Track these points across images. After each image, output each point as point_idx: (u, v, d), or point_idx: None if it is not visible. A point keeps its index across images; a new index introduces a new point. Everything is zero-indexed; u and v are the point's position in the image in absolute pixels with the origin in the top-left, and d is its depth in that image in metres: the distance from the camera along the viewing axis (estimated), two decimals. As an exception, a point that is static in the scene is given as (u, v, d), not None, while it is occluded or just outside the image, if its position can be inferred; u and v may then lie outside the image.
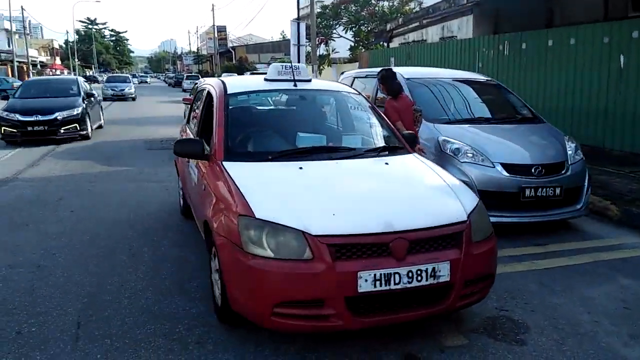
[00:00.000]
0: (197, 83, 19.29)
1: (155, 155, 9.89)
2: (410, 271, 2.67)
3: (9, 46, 47.31)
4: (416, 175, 3.53)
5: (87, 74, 77.81)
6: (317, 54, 20.92)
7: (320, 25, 21.18)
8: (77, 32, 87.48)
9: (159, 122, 16.52)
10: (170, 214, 5.78)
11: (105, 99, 25.67)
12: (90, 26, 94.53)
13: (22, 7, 48.95)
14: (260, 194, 2.94)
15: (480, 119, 5.99)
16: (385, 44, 18.33)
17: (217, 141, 3.62)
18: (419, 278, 2.69)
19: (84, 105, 12.12)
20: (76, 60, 72.87)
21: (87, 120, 12.14)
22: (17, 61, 46.84)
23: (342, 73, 9.44)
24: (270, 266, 2.63)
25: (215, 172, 3.45)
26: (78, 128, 11.64)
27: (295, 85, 4.18)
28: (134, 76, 58.23)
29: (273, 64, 4.38)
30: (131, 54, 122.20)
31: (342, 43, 22.92)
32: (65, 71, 68.31)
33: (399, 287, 2.66)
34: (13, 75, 41.80)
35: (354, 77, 7.78)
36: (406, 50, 15.69)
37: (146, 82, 65.87)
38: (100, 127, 14.21)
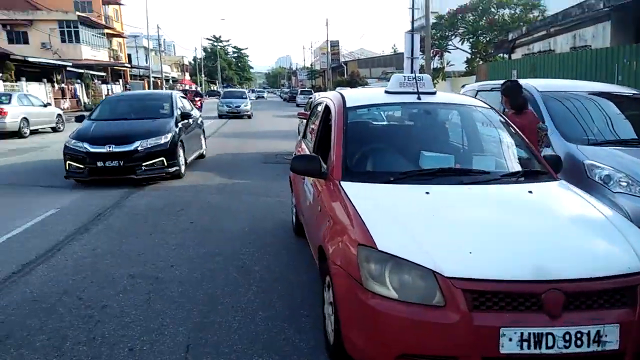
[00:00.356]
0: (310, 97, 19.58)
1: (270, 169, 10.08)
2: (568, 333, 2.17)
3: (146, 62, 52.68)
4: (570, 208, 2.94)
5: (212, 88, 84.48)
6: (431, 66, 20.20)
7: (435, 37, 20.46)
8: (204, 49, 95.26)
9: (274, 136, 17.03)
10: (284, 230, 5.71)
11: (220, 117, 26.35)
12: (215, 43, 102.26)
13: (157, 25, 54.42)
14: (383, 221, 2.60)
15: (630, 141, 5.11)
16: (506, 56, 17.13)
17: (334, 158, 3.35)
18: (579, 343, 2.18)
19: (176, 130, 8.91)
20: (203, 76, 79.19)
21: (180, 151, 8.88)
22: (152, 76, 52.07)
23: (463, 86, 8.84)
24: (394, 310, 2.28)
25: (332, 192, 3.18)
26: (165, 163, 8.40)
27: (419, 98, 3.77)
28: (252, 91, 61.69)
29: (395, 75, 4.07)
30: (251, 70, 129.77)
31: (457, 55, 21.95)
32: (194, 86, 74.55)
33: (552, 352, 2.17)
34: (150, 90, 46.34)
35: (477, 91, 7.18)
36: (530, 61, 14.46)
37: (263, 97, 68.03)
38: (201, 156, 11.27)
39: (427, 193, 2.90)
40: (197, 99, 28.86)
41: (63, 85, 31.61)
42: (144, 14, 43.04)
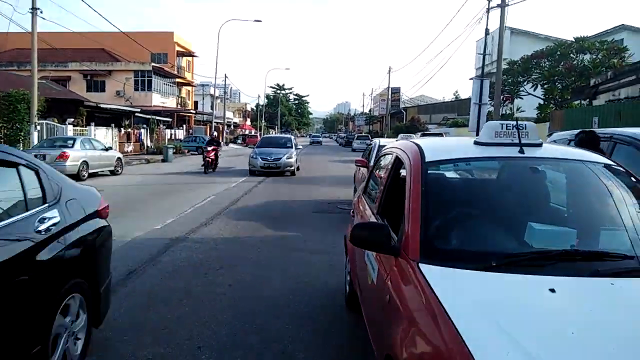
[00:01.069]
0: (370, 143, 18.44)
1: (321, 220, 9.28)
2: None
3: (211, 109, 54.57)
4: None
5: (271, 133, 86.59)
6: (499, 113, 19.02)
7: (506, 83, 19.35)
8: (267, 96, 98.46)
9: (327, 182, 16.34)
10: (334, 299, 4.84)
11: (252, 173, 18.57)
12: (278, 91, 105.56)
13: (225, 75, 56.55)
14: (490, 336, 1.67)
15: None
16: (585, 102, 15.75)
17: (409, 229, 2.43)
18: None
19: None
20: (263, 121, 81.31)
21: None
22: (215, 122, 53.75)
23: (550, 134, 7.75)
24: None
25: (407, 278, 2.25)
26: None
27: (521, 151, 2.84)
28: (309, 135, 61.40)
29: (489, 123, 3.17)
30: (310, 115, 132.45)
31: (528, 102, 20.62)
32: (253, 130, 76.44)
33: None
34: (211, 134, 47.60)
35: (569, 140, 6.11)
36: (615, 108, 13.06)
37: (319, 142, 66.17)
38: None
39: (552, 291, 1.94)
40: (209, 148, 20.65)
41: (129, 130, 32.91)
42: (214, 65, 45.11)
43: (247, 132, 74.08)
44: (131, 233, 7.84)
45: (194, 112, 54.44)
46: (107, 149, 18.59)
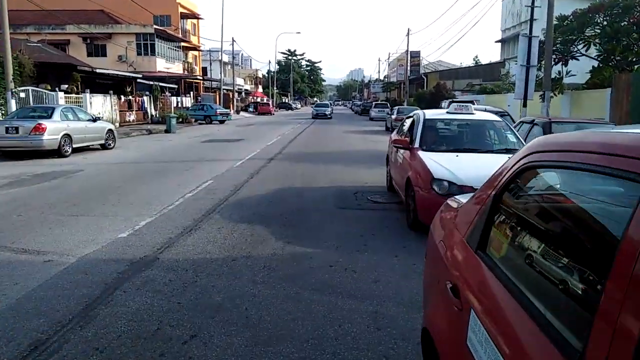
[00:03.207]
0: (398, 115, 16.39)
1: (349, 222, 6.89)
2: None
3: (220, 76, 51.80)
4: None
5: (284, 100, 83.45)
6: (550, 77, 16.16)
7: (556, 42, 16.37)
8: (279, 62, 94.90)
9: (347, 160, 13.86)
10: None
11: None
12: (289, 57, 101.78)
13: (232, 38, 53.49)
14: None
15: None
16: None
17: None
18: None
19: None
20: (275, 88, 78.22)
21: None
22: (224, 89, 51.05)
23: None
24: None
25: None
26: None
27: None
28: (313, 105, 55.10)
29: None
30: (323, 82, 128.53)
31: (578, 65, 17.67)
32: (265, 98, 73.60)
33: None
34: (220, 102, 45.04)
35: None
36: None
37: (326, 115, 45.37)
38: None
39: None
40: None
41: (130, 97, 30.48)
42: (221, 29, 42.11)
43: (259, 99, 71.17)
44: (80, 247, 5.53)
45: (201, 78, 51.66)
46: (94, 120, 16.23)
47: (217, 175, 10.90)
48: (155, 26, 38.89)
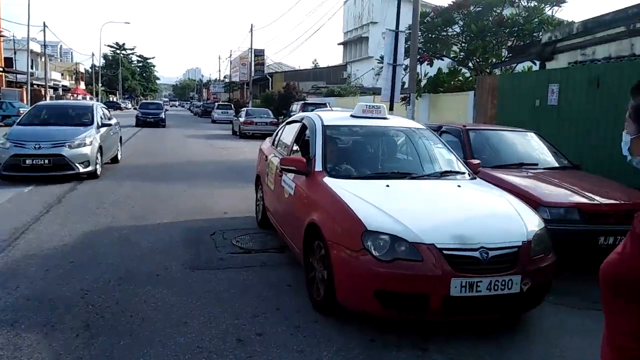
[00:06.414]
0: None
1: (210, 302, 4.01)
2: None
3: (32, 68, 42.95)
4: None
5: (111, 99, 74.00)
6: (415, 78, 15.03)
7: (421, 40, 15.31)
8: (105, 56, 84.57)
9: (195, 176, 10.70)
10: None
11: None
12: (118, 51, 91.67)
13: (44, 23, 44.76)
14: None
15: None
16: (531, 65, 12.53)
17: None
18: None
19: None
20: (100, 85, 69.00)
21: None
22: (35, 84, 42.52)
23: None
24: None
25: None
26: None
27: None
28: (137, 107, 45.48)
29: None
30: (157, 81, 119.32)
31: (445, 65, 16.96)
32: (88, 96, 64.35)
33: None
34: (27, 100, 37.01)
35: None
36: (590, 72, 9.67)
37: (159, 120, 32.70)
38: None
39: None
40: None
41: None
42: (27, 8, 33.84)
43: (80, 97, 61.57)
44: None
45: (2, 70, 42.20)
46: None
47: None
48: None
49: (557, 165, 6.20)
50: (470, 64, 15.96)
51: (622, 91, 8.70)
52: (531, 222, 3.68)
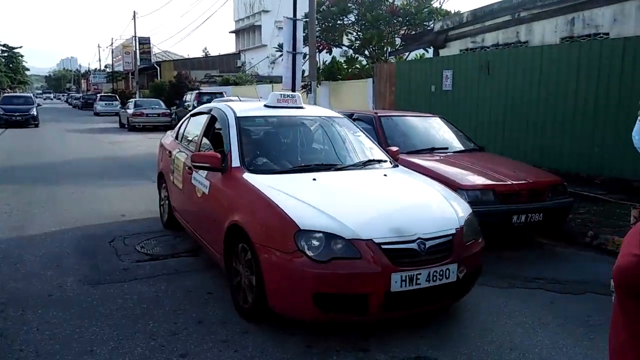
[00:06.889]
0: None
1: (118, 327, 3.45)
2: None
3: None
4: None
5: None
6: (315, 66, 14.95)
7: (319, 28, 15.18)
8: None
9: (83, 176, 9.59)
10: None
11: None
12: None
13: None
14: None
15: None
16: (424, 52, 12.96)
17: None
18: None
19: None
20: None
21: None
22: None
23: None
24: None
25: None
26: None
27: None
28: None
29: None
30: (27, 72, 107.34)
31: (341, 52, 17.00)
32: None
33: None
34: None
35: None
36: (481, 58, 10.28)
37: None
38: None
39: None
40: None
41: None
42: None
43: None
44: None
45: None
46: None
47: None
48: None
49: (464, 148, 6.38)
50: (366, 52, 16.25)
51: (510, 76, 9.32)
52: (460, 208, 3.63)
